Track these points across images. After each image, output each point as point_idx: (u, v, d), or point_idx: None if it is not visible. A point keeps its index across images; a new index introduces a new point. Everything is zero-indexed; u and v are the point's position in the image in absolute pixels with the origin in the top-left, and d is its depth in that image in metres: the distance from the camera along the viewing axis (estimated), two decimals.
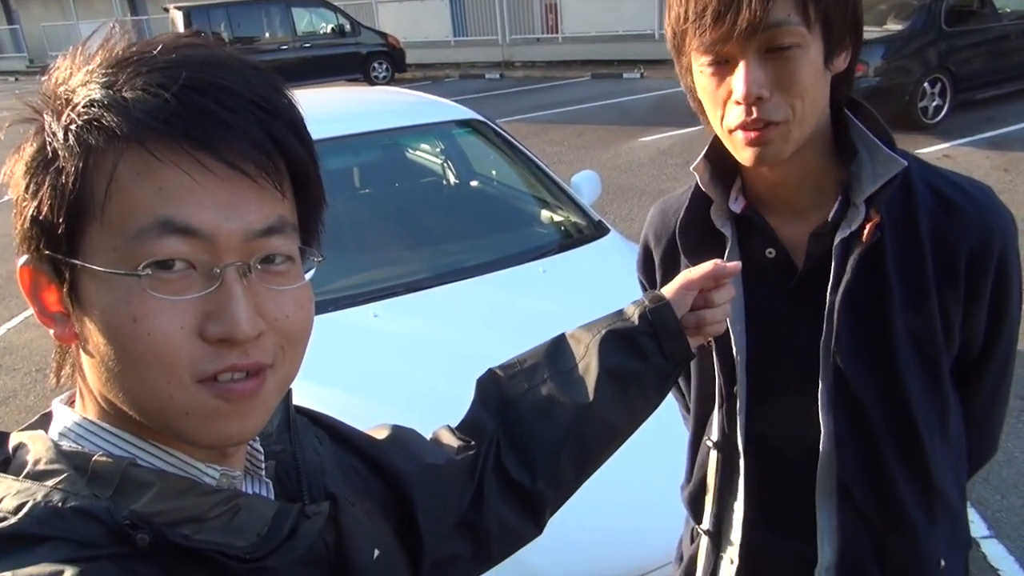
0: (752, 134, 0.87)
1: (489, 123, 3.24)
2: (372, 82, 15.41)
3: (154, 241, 0.52)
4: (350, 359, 2.17)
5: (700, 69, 0.89)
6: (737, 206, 1.00)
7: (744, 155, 0.90)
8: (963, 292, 0.95)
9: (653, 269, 1.12)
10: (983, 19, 9.18)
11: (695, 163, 1.01)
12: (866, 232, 0.91)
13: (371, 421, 1.86)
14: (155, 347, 0.53)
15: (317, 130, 2.55)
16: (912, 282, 0.94)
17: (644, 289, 1.16)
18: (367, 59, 15.89)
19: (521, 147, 3.22)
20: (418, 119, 3.27)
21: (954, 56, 8.63)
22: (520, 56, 17.72)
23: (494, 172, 3.40)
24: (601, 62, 15.93)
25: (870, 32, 8.56)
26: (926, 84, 8.42)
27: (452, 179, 3.55)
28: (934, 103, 8.54)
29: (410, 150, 3.52)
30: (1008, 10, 9.40)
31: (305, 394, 1.94)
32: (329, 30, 15.88)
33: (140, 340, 0.52)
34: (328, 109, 3.58)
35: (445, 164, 3.61)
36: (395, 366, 2.11)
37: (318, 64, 15.16)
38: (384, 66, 16.13)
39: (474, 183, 3.40)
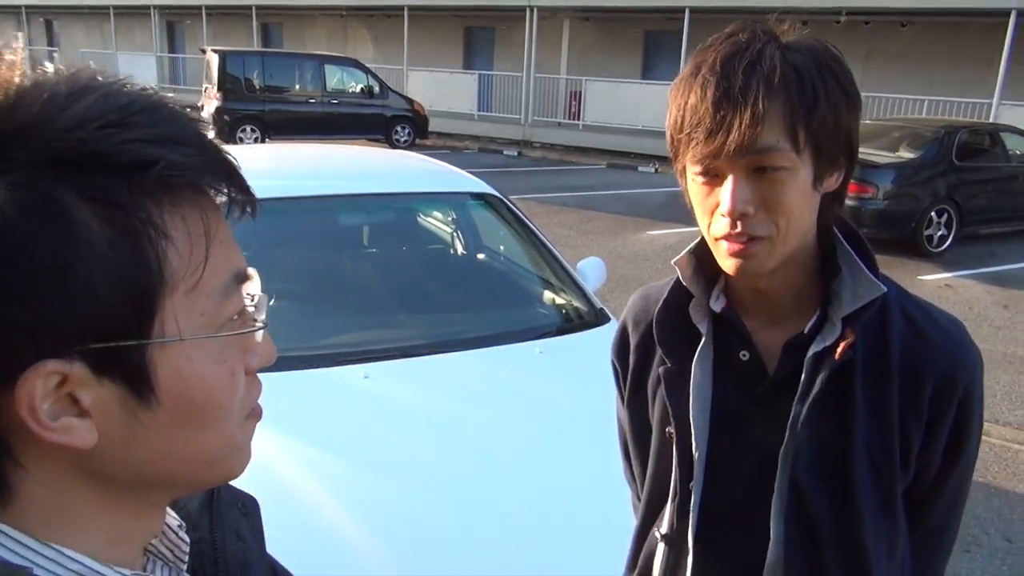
0: (736, 246, 0.90)
1: (503, 199, 3.28)
2: (393, 145, 15.70)
3: (234, 294, 0.52)
4: (336, 419, 2.14)
5: (692, 177, 0.92)
6: (718, 305, 1.01)
7: (727, 264, 0.92)
8: (925, 421, 0.96)
9: (627, 354, 1.13)
10: (993, 158, 9.44)
11: (677, 257, 1.03)
12: (839, 350, 0.93)
13: (349, 482, 1.83)
14: (237, 391, 0.52)
15: (334, 186, 2.61)
16: (877, 404, 0.95)
17: (615, 372, 1.16)
18: (391, 122, 16.24)
19: (532, 226, 3.25)
20: (435, 187, 3.31)
21: (962, 189, 8.83)
22: (540, 137, 18.10)
23: (502, 247, 3.42)
24: (618, 152, 16.26)
25: (882, 157, 8.79)
26: (933, 213, 8.59)
27: (460, 249, 3.57)
28: (939, 232, 8.69)
29: (422, 216, 3.55)
30: (1019, 152, 9.66)
31: (287, 450, 1.92)
32: (358, 89, 16.26)
33: (233, 390, 0.52)
34: (348, 165, 3.64)
35: (455, 234, 3.63)
36: (380, 430, 2.08)
37: (343, 121, 15.48)
38: (407, 130, 16.46)
39: (481, 256, 3.41)
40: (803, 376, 0.95)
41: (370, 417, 2.14)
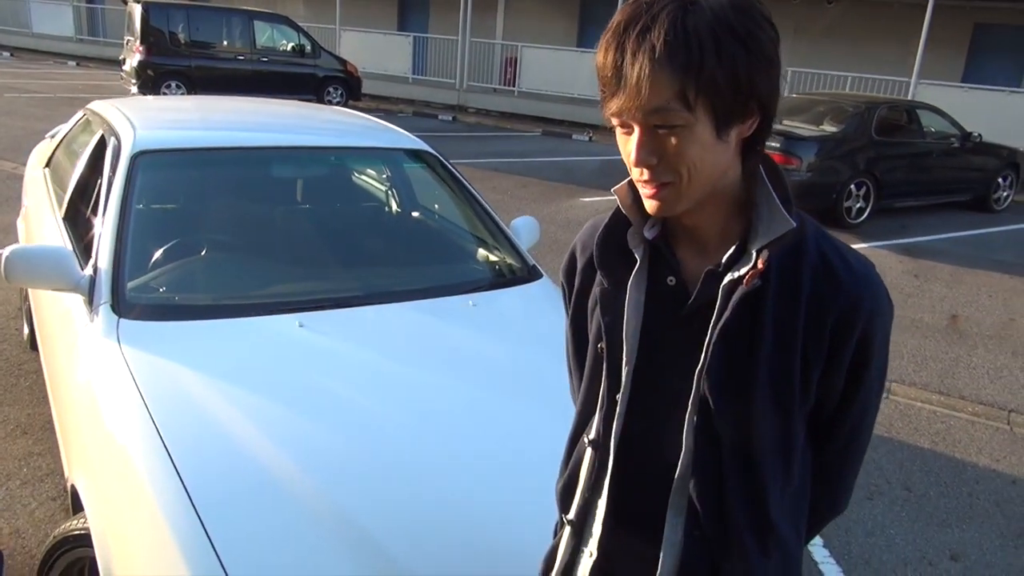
0: (649, 191, 1.00)
1: (438, 156, 3.30)
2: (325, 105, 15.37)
3: None
4: (272, 366, 2.16)
5: (615, 128, 1.01)
6: (651, 233, 1.09)
7: (647, 205, 1.03)
8: (825, 351, 1.03)
9: (574, 275, 1.22)
10: (910, 134, 9.83)
11: (617, 186, 1.10)
12: (747, 278, 1.01)
13: (287, 429, 1.86)
14: None
15: (268, 139, 2.63)
16: (783, 332, 1.02)
17: (563, 292, 1.25)
18: (323, 82, 15.90)
19: (467, 184, 3.28)
20: (370, 142, 3.30)
21: (880, 164, 9.19)
22: (475, 103, 18.00)
23: (437, 206, 3.45)
24: (553, 120, 16.32)
25: (807, 130, 9.07)
26: (852, 186, 8.92)
27: (395, 206, 3.59)
28: (858, 205, 9.04)
29: (357, 173, 3.54)
30: (933, 129, 10.08)
31: (226, 397, 1.93)
32: (289, 48, 15.83)
33: None
34: (282, 119, 3.60)
35: (390, 191, 3.64)
36: (316, 377, 2.11)
37: (273, 80, 15.08)
38: (339, 91, 16.15)
39: (415, 212, 3.44)
40: (718, 302, 1.03)
41: (304, 364, 2.16)
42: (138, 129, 2.89)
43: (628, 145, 0.98)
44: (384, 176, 3.58)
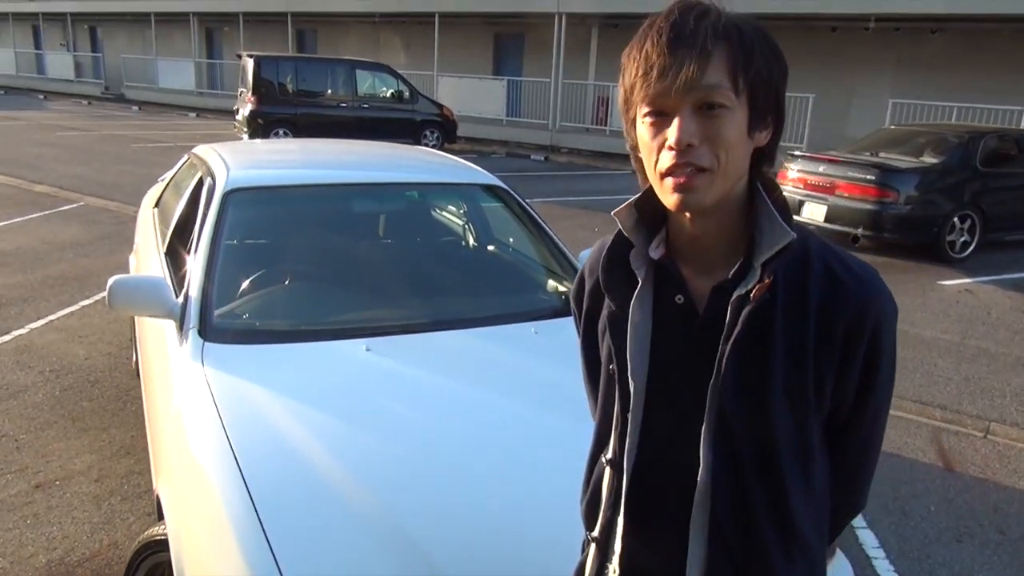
0: (680, 179, 1.00)
1: (509, 191, 3.42)
2: None
3: None
4: (337, 385, 2.30)
5: (642, 120, 1.03)
6: (656, 253, 1.12)
7: (671, 199, 1.02)
8: (837, 359, 1.06)
9: (582, 297, 1.25)
10: (1018, 164, 9.34)
11: (617, 209, 1.14)
12: (754, 292, 1.04)
13: (345, 441, 1.98)
14: None
15: (349, 175, 2.82)
16: (794, 344, 1.05)
17: (574, 315, 1.29)
18: (420, 126, 16.49)
19: (537, 218, 3.38)
20: (444, 178, 3.46)
21: (986, 196, 8.77)
22: (567, 142, 18.23)
23: (508, 239, 3.56)
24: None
25: (905, 162, 8.77)
26: (956, 219, 8.54)
27: (467, 239, 3.72)
28: (962, 239, 8.64)
29: (432, 207, 3.70)
30: None
31: (293, 412, 2.07)
32: (388, 94, 16.54)
33: None
34: (365, 158, 3.81)
35: (464, 225, 3.79)
36: (376, 395, 2.23)
37: (373, 125, 15.73)
38: (435, 135, 16.70)
39: (487, 246, 3.55)
40: (728, 317, 1.06)
41: (366, 384, 2.28)
42: (232, 169, 3.14)
43: (663, 133, 1.00)
44: (458, 210, 3.73)
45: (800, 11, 14.82)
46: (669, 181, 1.01)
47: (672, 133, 0.99)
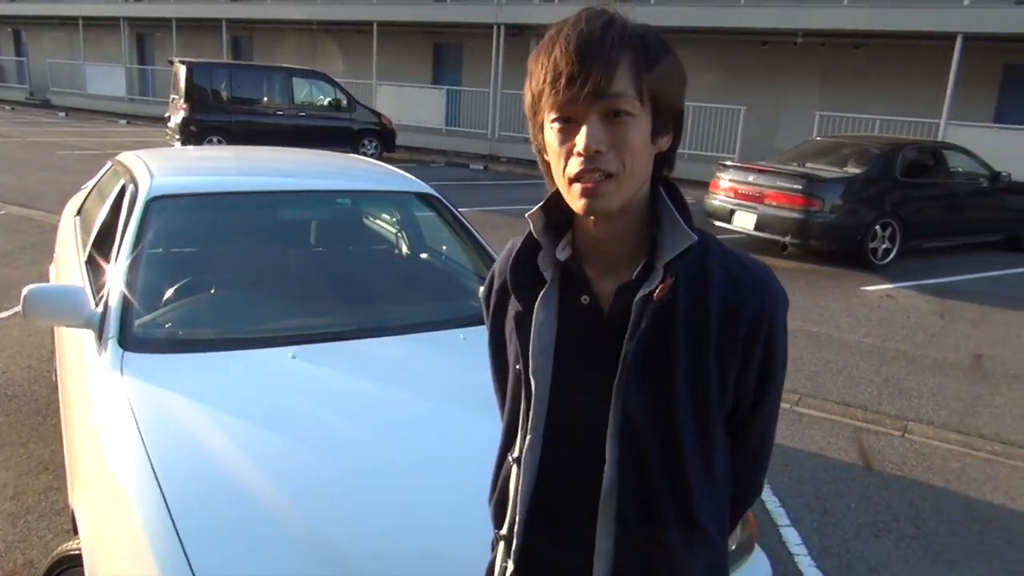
0: (588, 185, 1.03)
1: (440, 198, 3.43)
2: None
3: None
4: (261, 394, 2.27)
5: (551, 126, 1.06)
6: (563, 255, 1.15)
7: (579, 204, 1.05)
8: (740, 354, 1.11)
9: (491, 295, 1.28)
10: (936, 174, 9.78)
11: (530, 211, 1.17)
12: (657, 292, 1.08)
13: (266, 450, 1.96)
14: None
15: (275, 183, 2.79)
16: (695, 341, 1.09)
17: (484, 313, 1.31)
18: (358, 135, 16.36)
19: (468, 226, 3.40)
20: (375, 185, 3.46)
21: (906, 205, 9.14)
22: (506, 152, 18.33)
23: (438, 246, 3.57)
24: None
25: (830, 172, 9.09)
26: (878, 227, 8.88)
27: (395, 244, 3.72)
28: (883, 246, 8.99)
29: (361, 215, 3.69)
30: (960, 169, 10.01)
31: (214, 422, 2.04)
32: (326, 103, 16.39)
33: None
34: (294, 166, 3.78)
35: (393, 230, 3.78)
36: (300, 403, 2.21)
37: (310, 133, 15.56)
38: (374, 144, 16.60)
39: (416, 254, 3.56)
40: (632, 317, 1.09)
41: (291, 392, 2.27)
42: (155, 176, 3.08)
43: (572, 139, 1.03)
44: (390, 218, 3.73)
45: (732, 25, 15.23)
46: (577, 187, 1.04)
47: (580, 140, 1.02)
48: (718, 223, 9.59)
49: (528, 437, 1.17)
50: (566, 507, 1.17)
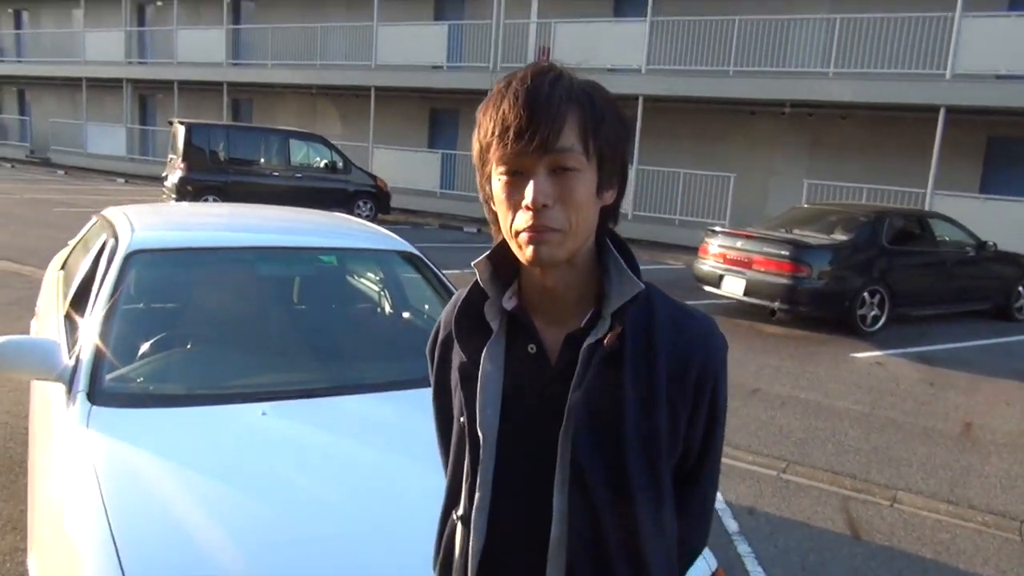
0: (535, 237, 1.04)
1: (422, 257, 3.44)
2: None
3: None
4: (228, 450, 2.23)
5: (498, 177, 1.07)
6: (510, 304, 1.15)
7: (526, 255, 1.06)
8: (690, 402, 1.11)
9: (435, 348, 1.26)
10: (923, 242, 9.87)
11: (477, 260, 1.16)
12: (607, 339, 1.07)
13: (226, 507, 1.91)
14: None
15: (255, 239, 2.78)
16: (644, 390, 1.09)
17: (428, 366, 1.29)
18: (353, 196, 16.54)
19: (449, 284, 3.40)
20: (355, 243, 3.47)
21: (894, 272, 9.20)
22: None
23: (418, 305, 3.56)
24: None
25: (817, 239, 9.16)
26: (866, 294, 8.91)
27: (385, 306, 3.71)
28: (872, 312, 9.00)
29: (340, 272, 3.68)
30: (947, 238, 10.11)
31: (178, 479, 2.00)
32: (322, 164, 16.60)
33: None
34: (277, 223, 3.80)
35: (382, 292, 3.78)
36: (267, 461, 2.17)
37: (307, 195, 15.64)
38: (368, 205, 16.75)
39: (395, 312, 3.55)
40: (578, 365, 1.09)
41: (258, 449, 2.23)
42: (136, 231, 3.08)
43: (519, 192, 1.03)
44: (371, 277, 3.72)
45: (721, 95, 15.58)
46: (524, 237, 1.05)
47: (528, 193, 1.03)
48: (707, 288, 9.63)
49: (477, 495, 1.14)
50: (515, 561, 1.14)
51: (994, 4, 13.93)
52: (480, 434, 1.13)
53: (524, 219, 1.04)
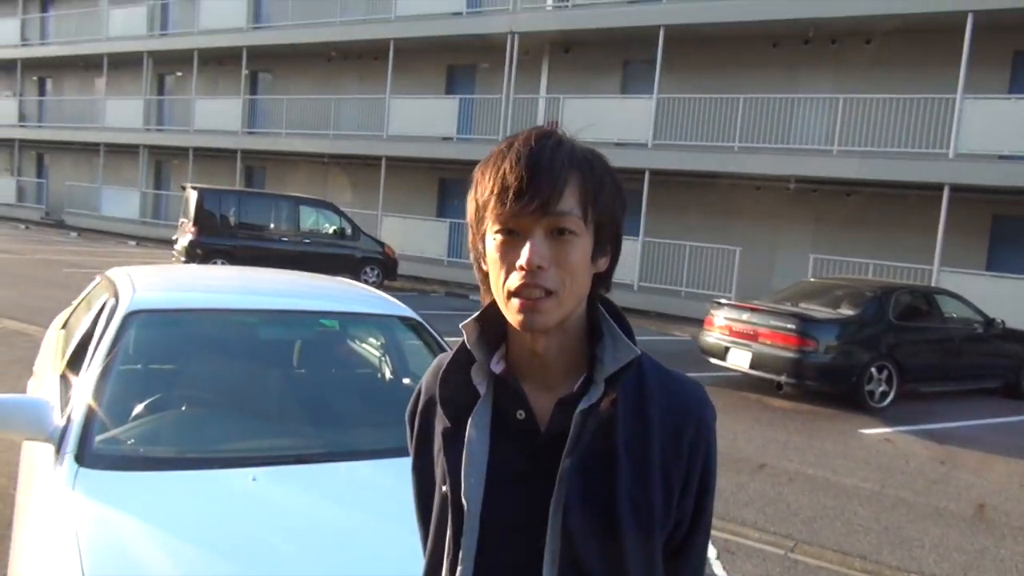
0: (528, 300, 1.02)
1: (422, 322, 3.42)
2: None
3: None
4: (215, 516, 2.17)
5: (493, 236, 1.05)
6: (498, 368, 1.12)
7: (517, 318, 1.03)
8: (683, 471, 1.08)
9: (415, 414, 1.22)
10: (930, 318, 9.82)
11: (465, 322, 1.13)
12: (603, 405, 1.05)
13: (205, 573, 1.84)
14: None
15: (255, 301, 2.77)
16: (638, 456, 1.05)
17: (408, 433, 1.24)
18: (361, 263, 16.63)
19: (448, 348, 3.37)
20: (356, 308, 3.45)
21: (901, 348, 9.13)
22: None
23: (418, 367, 3.52)
24: None
25: (823, 313, 9.12)
26: (873, 369, 8.82)
27: (385, 371, 3.67)
28: (880, 388, 8.89)
29: (339, 336, 3.66)
30: (954, 315, 10.06)
31: (168, 552, 1.94)
32: (331, 231, 16.76)
33: None
34: (279, 286, 3.79)
35: (382, 357, 3.74)
36: (253, 528, 2.10)
37: (315, 260, 15.75)
38: (375, 272, 16.84)
39: (392, 377, 3.50)
40: (571, 431, 1.05)
41: (245, 516, 2.16)
42: (137, 291, 3.08)
43: (514, 253, 1.02)
44: (370, 342, 3.70)
45: (727, 170, 15.78)
46: (516, 301, 1.03)
47: (524, 254, 1.01)
48: (713, 359, 9.55)
49: (459, 568, 1.09)
50: None
51: (996, 86, 14.20)
52: (464, 503, 1.08)
53: (518, 279, 1.02)
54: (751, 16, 15.36)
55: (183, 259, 15.01)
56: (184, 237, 15.19)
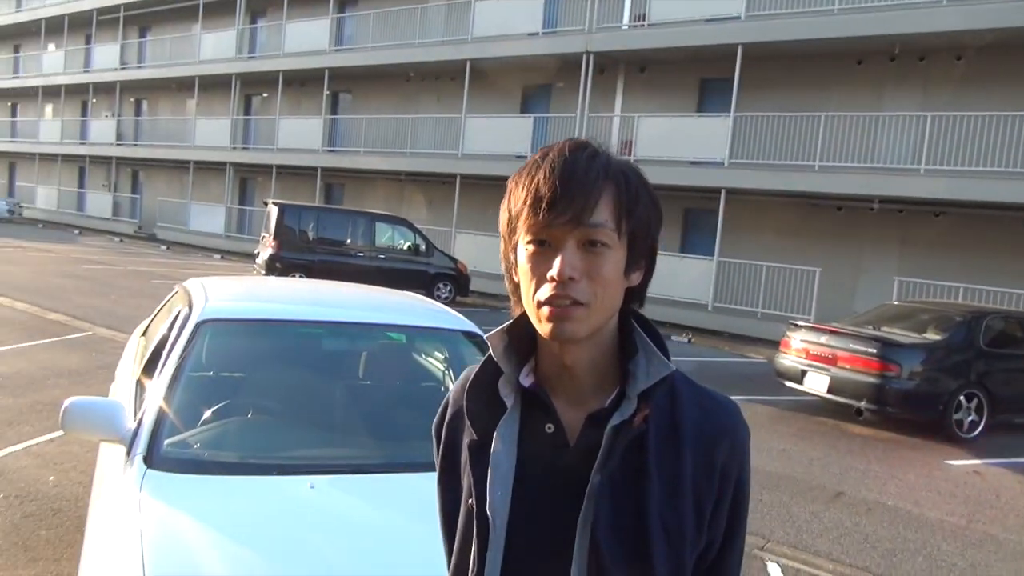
0: (558, 310, 1.00)
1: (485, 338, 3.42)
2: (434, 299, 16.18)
3: None
4: (273, 521, 2.20)
5: (525, 247, 1.03)
6: (527, 381, 1.09)
7: (546, 328, 1.01)
8: (715, 490, 1.05)
9: (443, 427, 1.20)
10: None
11: (491, 333, 1.12)
12: (637, 420, 1.02)
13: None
14: None
15: (323, 313, 2.82)
16: (669, 474, 1.02)
17: (434, 446, 1.22)
18: (434, 279, 16.83)
19: None
20: (419, 322, 3.48)
21: (992, 376, 8.67)
22: None
23: None
24: (655, 323, 16.40)
25: (908, 337, 8.74)
26: (962, 397, 8.40)
27: (449, 385, 3.68)
28: (970, 418, 8.46)
29: (412, 352, 3.68)
30: None
31: (226, 554, 1.98)
32: (405, 247, 17.04)
33: None
34: (348, 299, 3.86)
35: (446, 371, 3.75)
36: (308, 534, 2.12)
37: (388, 275, 16.01)
38: (448, 288, 17.01)
39: None
40: (602, 447, 1.02)
41: (301, 522, 2.19)
42: (209, 301, 3.18)
43: (546, 263, 1.01)
44: (434, 355, 3.71)
45: (807, 189, 15.36)
46: (546, 310, 1.01)
47: (555, 265, 1.00)
48: (789, 383, 9.26)
49: None
50: None
51: None
52: (489, 516, 1.06)
53: (548, 289, 1.01)
54: (835, 33, 14.96)
55: (263, 272, 15.49)
56: (265, 251, 15.68)
